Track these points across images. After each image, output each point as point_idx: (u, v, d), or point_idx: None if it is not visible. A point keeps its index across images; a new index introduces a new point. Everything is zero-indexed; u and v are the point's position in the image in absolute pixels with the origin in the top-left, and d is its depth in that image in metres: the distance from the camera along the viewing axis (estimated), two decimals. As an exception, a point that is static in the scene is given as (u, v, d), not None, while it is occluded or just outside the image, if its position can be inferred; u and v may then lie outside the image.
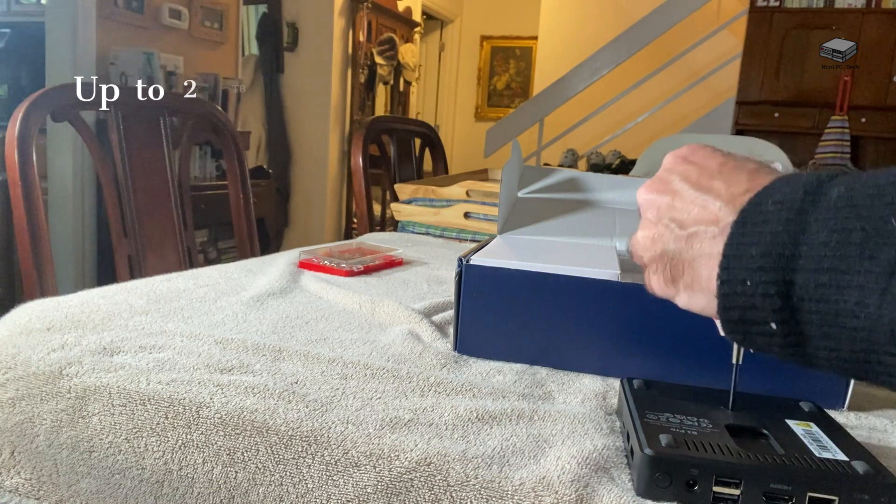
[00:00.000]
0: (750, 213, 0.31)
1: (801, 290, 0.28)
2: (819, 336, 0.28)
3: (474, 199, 1.23)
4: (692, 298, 0.35)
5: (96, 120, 2.31)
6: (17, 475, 0.46)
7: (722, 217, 0.33)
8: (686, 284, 0.35)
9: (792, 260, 0.29)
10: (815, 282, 0.28)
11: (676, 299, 0.37)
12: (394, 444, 0.41)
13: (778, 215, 0.30)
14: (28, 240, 0.95)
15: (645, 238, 0.38)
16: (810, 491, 0.35)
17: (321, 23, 3.95)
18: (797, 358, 0.30)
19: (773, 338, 0.30)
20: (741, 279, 0.30)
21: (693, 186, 0.36)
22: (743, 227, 0.31)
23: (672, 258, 0.36)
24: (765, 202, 0.31)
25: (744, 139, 2.29)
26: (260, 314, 0.64)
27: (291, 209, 4.16)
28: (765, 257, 0.29)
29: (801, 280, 0.28)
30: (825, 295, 0.28)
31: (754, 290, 0.30)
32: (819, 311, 0.28)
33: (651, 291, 0.39)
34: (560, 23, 5.42)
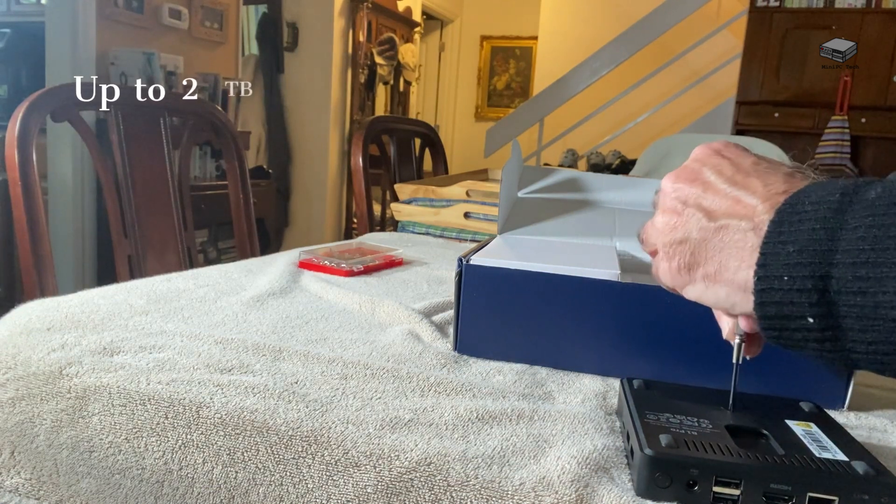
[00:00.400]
0: (787, 213, 0.32)
1: (839, 283, 0.29)
2: (858, 329, 0.28)
3: (474, 199, 1.23)
4: (709, 290, 0.35)
5: (96, 120, 2.31)
6: (17, 475, 0.46)
7: (757, 213, 0.33)
8: (706, 274, 0.35)
9: (829, 255, 0.29)
10: (854, 275, 0.28)
11: (687, 289, 0.36)
12: (394, 444, 0.41)
13: (815, 214, 0.30)
14: (28, 240, 0.95)
15: (664, 224, 0.38)
16: (810, 491, 0.35)
17: (321, 23, 3.95)
18: (833, 354, 0.30)
19: (810, 332, 0.30)
20: (778, 275, 0.30)
21: (727, 181, 0.36)
22: (780, 225, 0.31)
23: (695, 246, 0.35)
24: (802, 202, 0.31)
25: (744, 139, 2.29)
26: (260, 314, 0.64)
27: (291, 209, 4.16)
28: (802, 253, 0.30)
29: (839, 274, 0.29)
30: (864, 287, 0.28)
31: (791, 284, 0.30)
32: (858, 304, 0.28)
33: (657, 277, 0.39)
34: (560, 23, 5.42)
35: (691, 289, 0.36)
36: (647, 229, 0.41)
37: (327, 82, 3.98)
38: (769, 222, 0.32)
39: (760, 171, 0.36)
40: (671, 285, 0.38)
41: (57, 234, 2.63)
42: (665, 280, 0.38)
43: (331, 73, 3.97)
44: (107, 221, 1.17)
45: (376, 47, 4.35)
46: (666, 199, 0.39)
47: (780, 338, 0.32)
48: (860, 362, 0.30)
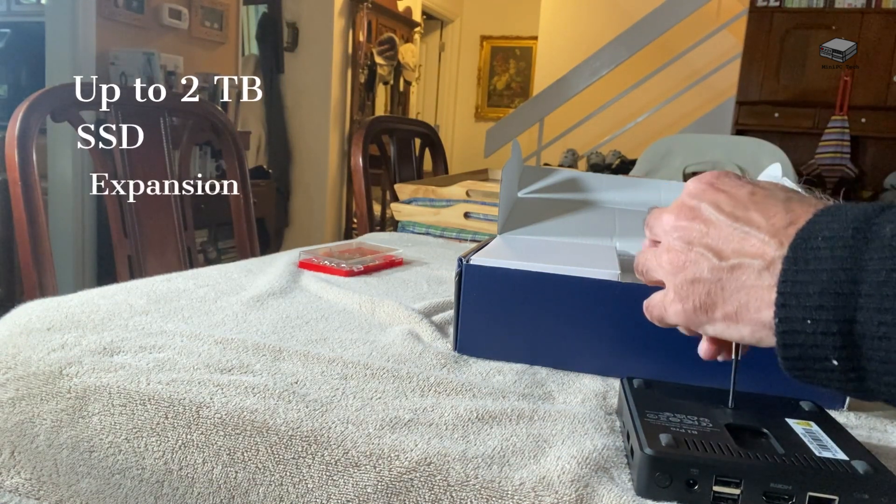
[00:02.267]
0: (800, 249, 0.32)
1: (863, 327, 0.29)
2: (882, 372, 0.29)
3: (474, 199, 1.23)
4: (731, 329, 0.35)
5: (96, 120, 2.31)
6: (17, 475, 0.46)
7: (768, 251, 0.33)
8: (726, 314, 0.35)
9: (851, 298, 0.29)
10: (879, 321, 0.29)
11: (706, 327, 0.36)
12: (394, 444, 0.41)
13: (831, 253, 0.30)
14: (28, 240, 0.95)
15: (671, 263, 0.37)
16: (810, 490, 0.35)
17: (321, 23, 3.95)
18: (858, 392, 0.31)
19: (834, 373, 0.31)
20: (801, 318, 0.31)
21: (728, 216, 0.36)
22: (795, 263, 0.31)
23: (710, 286, 0.35)
24: (814, 237, 0.31)
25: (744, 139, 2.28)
26: (260, 314, 0.64)
27: (291, 209, 4.16)
28: (823, 296, 0.30)
29: (863, 318, 0.29)
30: (888, 333, 0.28)
31: (815, 328, 0.30)
32: (882, 348, 0.29)
33: (662, 315, 0.39)
34: (560, 23, 5.42)
35: (711, 328, 0.36)
36: (645, 263, 0.41)
37: (327, 82, 3.98)
38: (783, 259, 0.32)
39: (759, 201, 0.36)
40: (684, 324, 0.38)
41: (57, 234, 2.63)
42: (676, 320, 0.38)
43: (331, 73, 3.97)
44: (107, 221, 1.17)
45: (376, 47, 4.35)
46: (668, 238, 0.38)
47: (803, 376, 0.32)
48: (881, 396, 0.30)
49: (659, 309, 0.39)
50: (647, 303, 0.41)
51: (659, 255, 0.39)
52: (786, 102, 4.07)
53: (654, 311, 0.40)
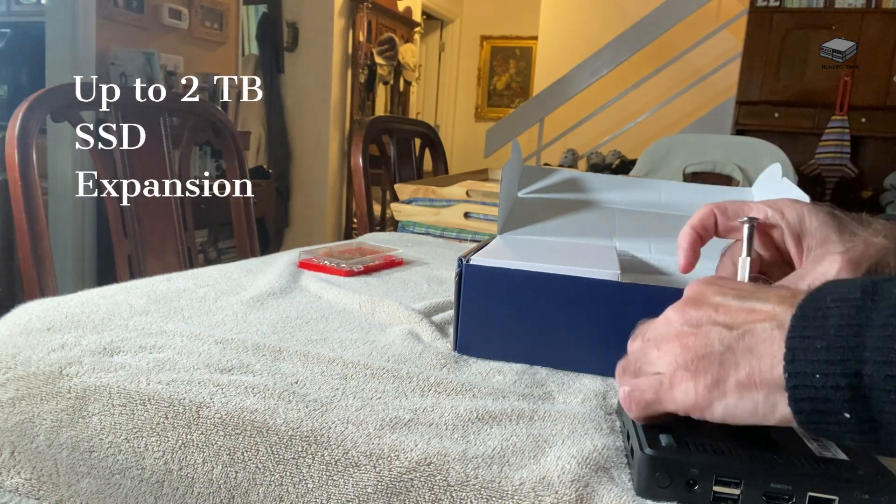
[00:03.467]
0: (809, 308, 0.32)
1: (870, 380, 0.29)
2: (894, 423, 0.29)
3: (474, 199, 1.23)
4: (743, 399, 0.34)
5: (96, 120, 2.31)
6: (17, 475, 0.46)
7: (778, 313, 0.34)
8: (738, 382, 0.34)
9: (858, 352, 0.30)
10: (886, 374, 0.29)
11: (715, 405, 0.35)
12: (394, 444, 0.41)
13: (839, 311, 0.31)
14: (28, 240, 0.95)
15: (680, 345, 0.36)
16: (810, 491, 0.35)
17: (321, 23, 3.95)
18: (875, 444, 0.31)
19: (849, 425, 0.31)
20: (810, 372, 0.31)
21: (735, 297, 0.36)
22: (804, 320, 0.32)
23: (721, 356, 0.35)
24: (823, 298, 0.32)
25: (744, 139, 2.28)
26: (260, 314, 0.64)
27: (291, 209, 4.16)
28: (830, 350, 0.30)
29: (870, 371, 0.29)
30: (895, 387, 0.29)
31: (824, 382, 0.30)
32: (892, 401, 0.29)
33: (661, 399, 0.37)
34: (560, 23, 5.42)
35: (720, 404, 0.34)
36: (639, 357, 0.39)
37: (327, 82, 3.98)
38: (792, 317, 0.32)
39: (762, 287, 0.37)
40: (690, 407, 0.35)
41: (57, 234, 2.63)
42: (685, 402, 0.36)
43: (331, 73, 3.97)
44: (107, 221, 1.17)
45: (376, 47, 4.35)
46: (672, 327, 0.38)
47: (819, 430, 0.32)
48: None
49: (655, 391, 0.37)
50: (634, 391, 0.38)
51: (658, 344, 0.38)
52: (786, 102, 4.07)
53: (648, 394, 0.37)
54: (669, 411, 0.37)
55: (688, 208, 0.82)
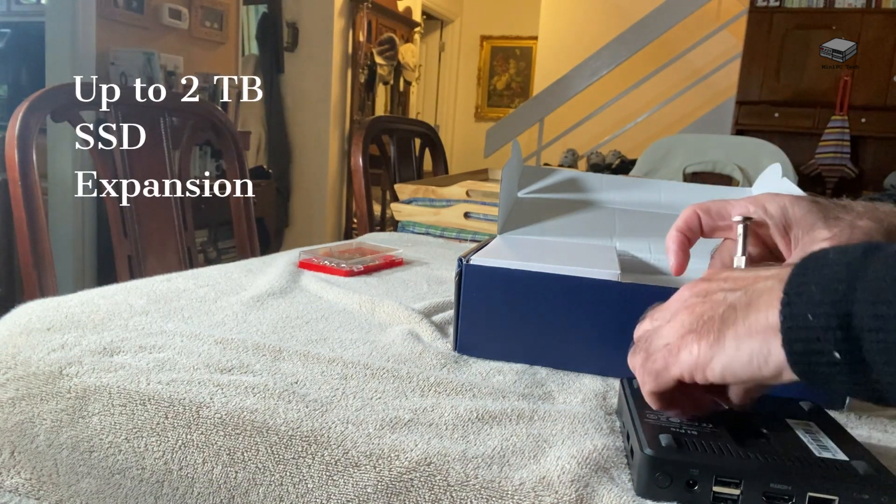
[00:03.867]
0: (810, 261, 0.33)
1: (860, 320, 0.30)
2: (881, 363, 0.30)
3: (474, 199, 1.23)
4: (741, 348, 0.34)
5: (96, 120, 2.31)
6: (17, 475, 0.46)
7: (782, 274, 0.35)
8: (736, 334, 0.35)
9: (849, 293, 0.31)
10: (873, 313, 0.30)
11: (714, 361, 0.35)
12: (394, 444, 0.41)
13: (837, 260, 0.32)
14: (28, 240, 0.95)
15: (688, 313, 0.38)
16: (810, 491, 0.35)
17: (321, 23, 3.95)
18: (863, 388, 0.31)
19: (837, 366, 0.31)
20: (803, 314, 0.32)
21: (742, 272, 0.38)
22: (803, 269, 0.33)
23: (724, 314, 0.36)
24: (825, 254, 0.33)
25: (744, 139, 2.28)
26: (260, 314, 0.64)
27: (291, 209, 4.16)
28: (824, 292, 0.31)
29: (859, 311, 0.30)
30: (882, 325, 0.29)
31: (816, 322, 0.31)
32: (879, 340, 0.29)
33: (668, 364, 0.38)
34: (560, 23, 5.42)
35: (719, 360, 0.35)
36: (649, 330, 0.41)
37: (327, 82, 3.98)
38: (792, 269, 0.34)
39: None
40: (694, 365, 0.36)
41: (57, 234, 2.63)
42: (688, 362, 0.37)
43: (331, 73, 3.97)
44: (107, 221, 1.17)
45: (376, 47, 4.35)
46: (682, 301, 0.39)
47: (808, 373, 0.32)
48: (887, 395, 0.31)
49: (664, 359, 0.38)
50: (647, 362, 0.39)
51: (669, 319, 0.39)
52: (786, 102, 4.07)
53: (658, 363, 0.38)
54: (676, 377, 0.38)
55: (688, 208, 0.82)
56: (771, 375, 0.34)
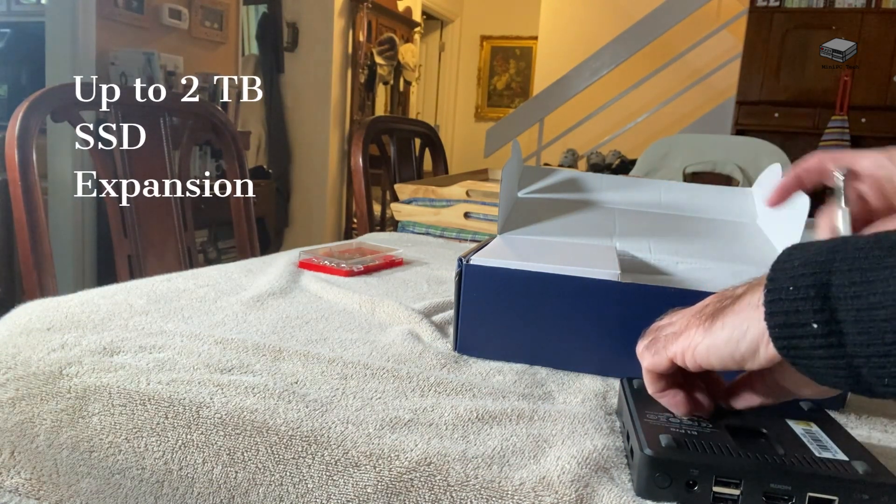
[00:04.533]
0: (794, 247, 0.35)
1: (837, 290, 0.31)
2: (856, 333, 0.30)
3: (474, 199, 1.23)
4: (725, 326, 0.36)
5: (96, 120, 2.31)
6: (17, 475, 0.46)
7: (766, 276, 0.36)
8: (725, 315, 0.36)
9: (828, 264, 0.32)
10: (849, 280, 0.31)
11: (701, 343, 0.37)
12: (394, 444, 0.41)
13: (819, 244, 0.34)
14: (28, 240, 0.95)
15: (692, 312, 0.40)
16: (810, 491, 0.35)
17: (321, 23, 3.95)
18: (839, 362, 0.31)
19: (816, 339, 0.32)
20: (784, 286, 0.33)
21: None
22: (791, 249, 0.34)
23: (723, 302, 0.38)
24: (807, 245, 0.34)
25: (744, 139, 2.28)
26: (260, 314, 0.64)
27: (291, 209, 4.16)
28: (805, 265, 0.32)
29: (837, 281, 0.31)
30: (858, 292, 0.30)
31: (796, 294, 0.32)
32: (854, 307, 0.30)
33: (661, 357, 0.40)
34: (560, 23, 5.42)
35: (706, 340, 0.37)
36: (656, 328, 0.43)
37: (327, 82, 3.98)
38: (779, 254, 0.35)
39: None
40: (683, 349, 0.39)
41: (57, 234, 2.63)
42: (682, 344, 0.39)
43: (331, 73, 3.97)
44: (107, 221, 1.17)
45: (376, 47, 4.35)
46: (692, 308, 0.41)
47: (789, 347, 0.33)
48: (865, 376, 0.31)
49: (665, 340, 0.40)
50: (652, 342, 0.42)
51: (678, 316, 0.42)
52: (786, 102, 4.07)
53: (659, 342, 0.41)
54: (669, 357, 0.39)
55: (688, 208, 0.82)
56: (747, 351, 0.35)
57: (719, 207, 0.82)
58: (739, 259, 0.68)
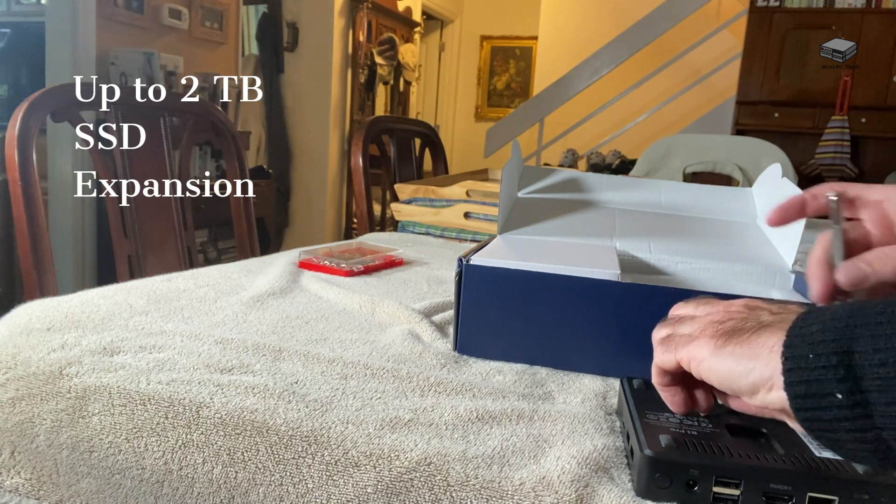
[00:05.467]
0: (814, 309, 0.34)
1: (861, 357, 0.30)
2: (883, 403, 0.29)
3: (474, 199, 1.23)
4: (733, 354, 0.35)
5: (96, 120, 2.31)
6: (17, 475, 0.46)
7: (793, 308, 0.36)
8: (737, 342, 0.36)
9: (849, 330, 0.30)
10: (873, 347, 0.29)
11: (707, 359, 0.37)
12: (394, 444, 0.41)
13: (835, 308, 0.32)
14: (28, 240, 0.95)
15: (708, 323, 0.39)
16: (810, 491, 0.35)
17: (321, 23, 3.95)
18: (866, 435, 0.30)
19: (840, 410, 0.30)
20: (804, 354, 0.32)
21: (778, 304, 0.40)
22: (807, 314, 0.34)
23: (739, 324, 0.37)
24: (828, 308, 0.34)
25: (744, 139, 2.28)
26: (260, 314, 0.64)
27: (291, 209, 4.16)
28: (824, 331, 0.31)
29: (860, 348, 0.30)
30: (883, 359, 0.29)
31: (817, 362, 0.31)
32: (880, 375, 0.29)
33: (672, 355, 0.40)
34: (560, 23, 5.42)
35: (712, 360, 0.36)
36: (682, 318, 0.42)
37: (327, 82, 3.98)
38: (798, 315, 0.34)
39: None
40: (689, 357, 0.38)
41: (57, 234, 2.63)
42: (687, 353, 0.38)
43: (331, 73, 3.97)
44: (107, 221, 1.17)
45: (376, 47, 4.35)
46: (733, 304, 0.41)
47: (811, 419, 0.32)
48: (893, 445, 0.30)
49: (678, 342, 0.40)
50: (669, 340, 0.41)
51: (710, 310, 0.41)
52: (786, 102, 4.06)
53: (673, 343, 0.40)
54: (677, 359, 0.39)
55: (688, 208, 0.82)
56: (747, 389, 0.35)
57: (719, 207, 0.82)
58: (739, 259, 0.68)
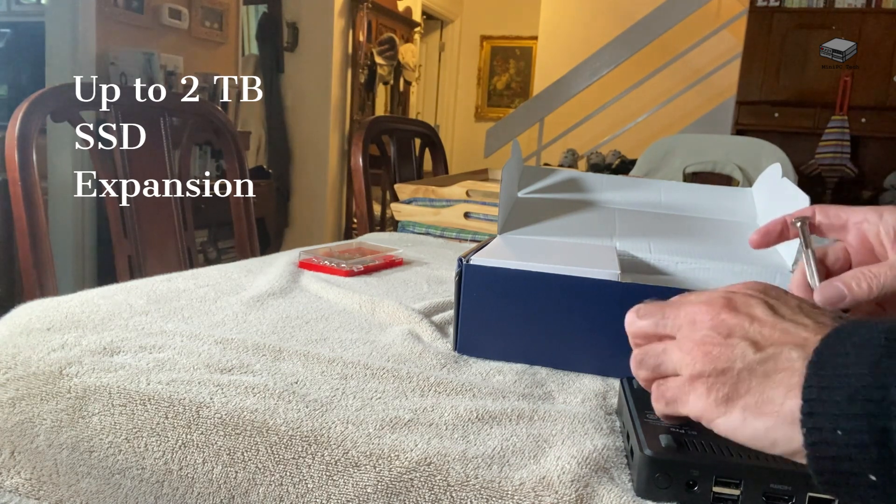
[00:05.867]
0: (827, 355, 0.30)
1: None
2: None
3: (474, 199, 1.23)
4: (747, 422, 0.32)
5: (96, 120, 2.31)
6: (17, 475, 0.46)
7: (809, 342, 0.32)
8: (746, 405, 0.32)
9: (883, 405, 0.27)
10: None
11: (719, 421, 0.33)
12: (394, 444, 0.41)
13: (860, 358, 0.29)
14: (28, 240, 0.95)
15: (703, 353, 0.35)
16: (810, 491, 0.35)
17: (321, 23, 3.95)
18: None
19: (875, 489, 0.28)
20: (830, 427, 0.28)
21: (775, 315, 0.35)
22: (821, 368, 0.30)
23: (738, 376, 0.33)
24: (843, 343, 0.30)
25: (744, 139, 2.28)
26: (260, 314, 0.64)
27: (291, 209, 4.16)
28: (853, 404, 0.28)
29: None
30: None
31: (847, 440, 0.28)
32: None
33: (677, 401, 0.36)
34: (560, 23, 5.42)
35: (724, 420, 0.33)
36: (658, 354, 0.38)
37: (327, 82, 3.98)
38: (808, 364, 0.30)
39: (807, 308, 0.35)
40: (698, 415, 0.35)
41: (57, 234, 2.63)
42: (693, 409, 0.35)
43: (331, 73, 3.97)
44: (107, 221, 1.17)
45: (376, 47, 4.35)
46: (699, 330, 0.36)
47: (839, 493, 0.29)
48: None
49: (675, 392, 0.36)
50: (661, 385, 0.38)
51: (682, 345, 0.36)
52: (786, 102, 4.07)
53: (669, 392, 0.37)
54: (685, 414, 0.36)
55: (688, 208, 0.82)
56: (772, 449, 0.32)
57: (719, 207, 0.82)
58: (739, 259, 0.68)
